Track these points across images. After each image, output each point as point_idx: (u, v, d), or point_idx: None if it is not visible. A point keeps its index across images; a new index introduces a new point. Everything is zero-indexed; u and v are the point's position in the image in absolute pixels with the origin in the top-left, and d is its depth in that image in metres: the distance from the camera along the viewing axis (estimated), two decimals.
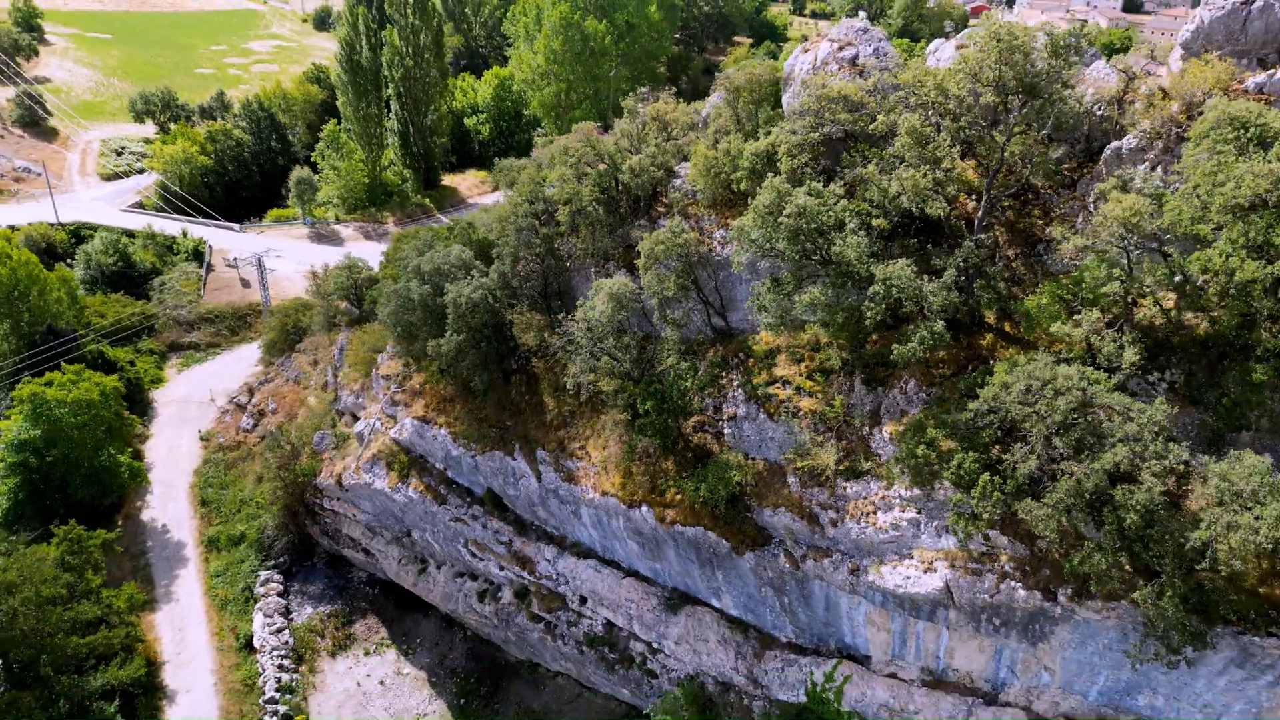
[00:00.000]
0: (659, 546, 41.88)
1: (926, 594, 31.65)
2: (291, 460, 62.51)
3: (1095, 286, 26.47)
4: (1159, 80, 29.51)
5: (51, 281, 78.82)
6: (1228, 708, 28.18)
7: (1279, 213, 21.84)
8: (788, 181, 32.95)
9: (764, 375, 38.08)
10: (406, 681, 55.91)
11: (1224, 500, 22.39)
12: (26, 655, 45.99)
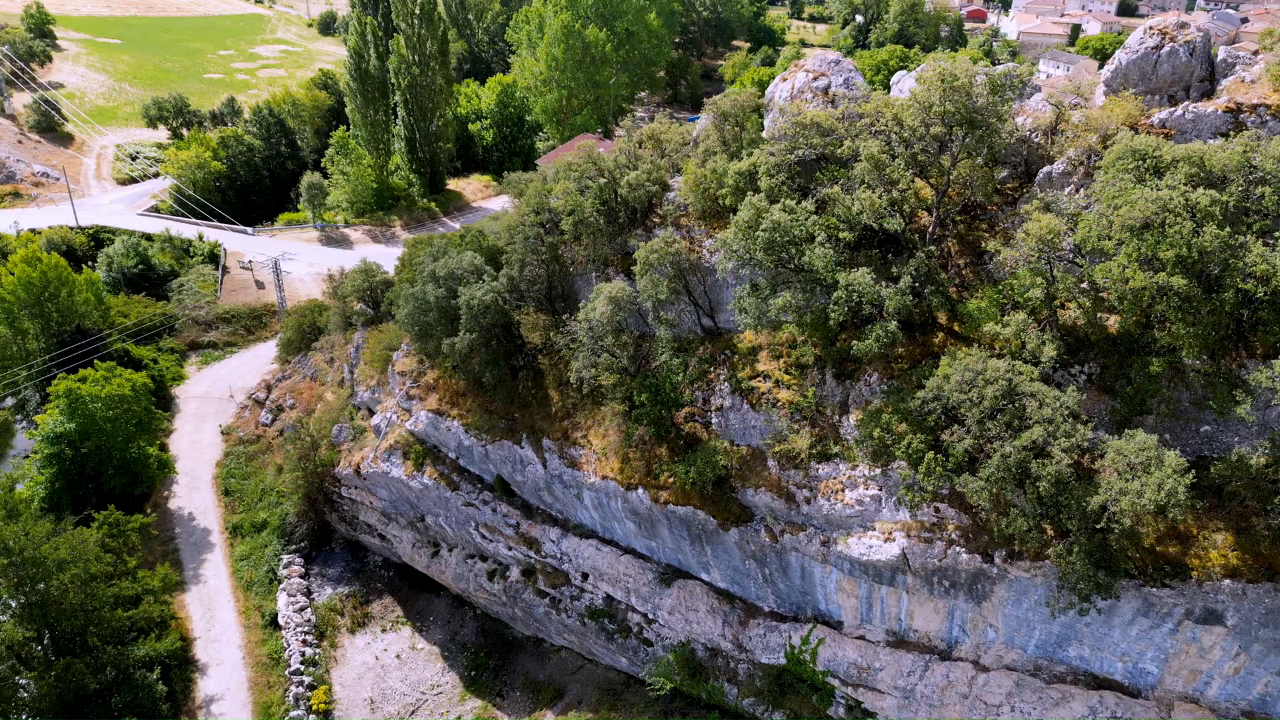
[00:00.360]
0: (653, 525, 46.67)
1: (886, 560, 36.42)
2: (311, 452, 67.18)
3: (1021, 292, 31.28)
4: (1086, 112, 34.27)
5: (79, 283, 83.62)
6: (1141, 655, 32.93)
7: (1163, 231, 26.54)
8: (767, 198, 37.76)
9: (747, 370, 42.83)
10: (421, 656, 60.72)
11: (1119, 471, 27.12)
12: (76, 626, 50.74)
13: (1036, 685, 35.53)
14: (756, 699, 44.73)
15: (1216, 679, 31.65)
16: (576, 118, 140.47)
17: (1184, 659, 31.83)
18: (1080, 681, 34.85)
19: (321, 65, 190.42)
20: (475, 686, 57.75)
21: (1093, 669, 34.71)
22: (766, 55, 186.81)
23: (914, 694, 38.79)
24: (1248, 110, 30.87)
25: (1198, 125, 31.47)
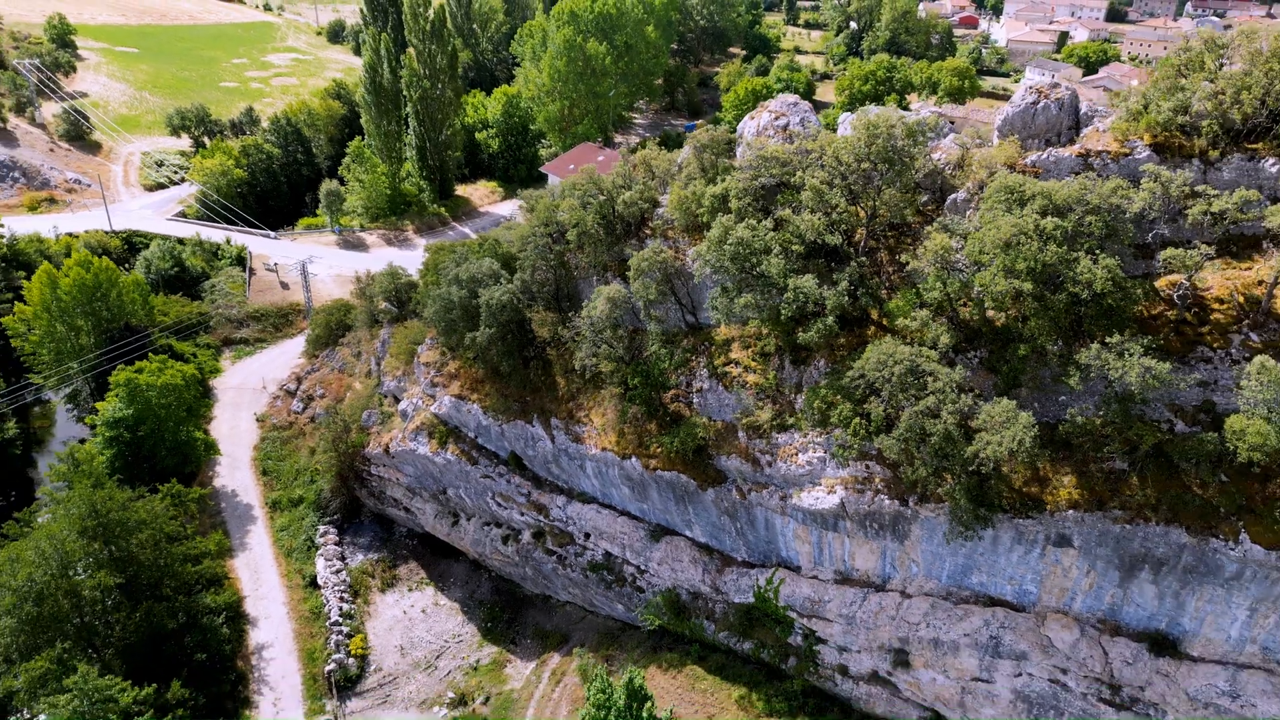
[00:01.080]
0: (645, 488, 56.47)
1: (829, 509, 46.14)
2: (343, 435, 77.03)
3: (925, 293, 41.00)
4: (982, 152, 44.04)
5: (127, 284, 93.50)
6: (1023, 578, 42.63)
7: (1019, 250, 36.22)
8: (736, 218, 47.56)
9: (722, 358, 52.59)
10: (443, 611, 70.54)
11: (988, 427, 36.82)
12: (153, 577, 60.43)
13: (947, 606, 45.31)
14: (730, 632, 54.57)
15: (1079, 594, 41.35)
16: (578, 126, 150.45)
17: (1053, 579, 41.54)
18: (979, 602, 44.63)
19: (331, 73, 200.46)
20: (491, 635, 67.56)
21: (989, 592, 44.45)
22: (761, 64, 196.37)
23: (855, 619, 48.56)
24: (1095, 155, 40.57)
25: (1058, 166, 41.16)
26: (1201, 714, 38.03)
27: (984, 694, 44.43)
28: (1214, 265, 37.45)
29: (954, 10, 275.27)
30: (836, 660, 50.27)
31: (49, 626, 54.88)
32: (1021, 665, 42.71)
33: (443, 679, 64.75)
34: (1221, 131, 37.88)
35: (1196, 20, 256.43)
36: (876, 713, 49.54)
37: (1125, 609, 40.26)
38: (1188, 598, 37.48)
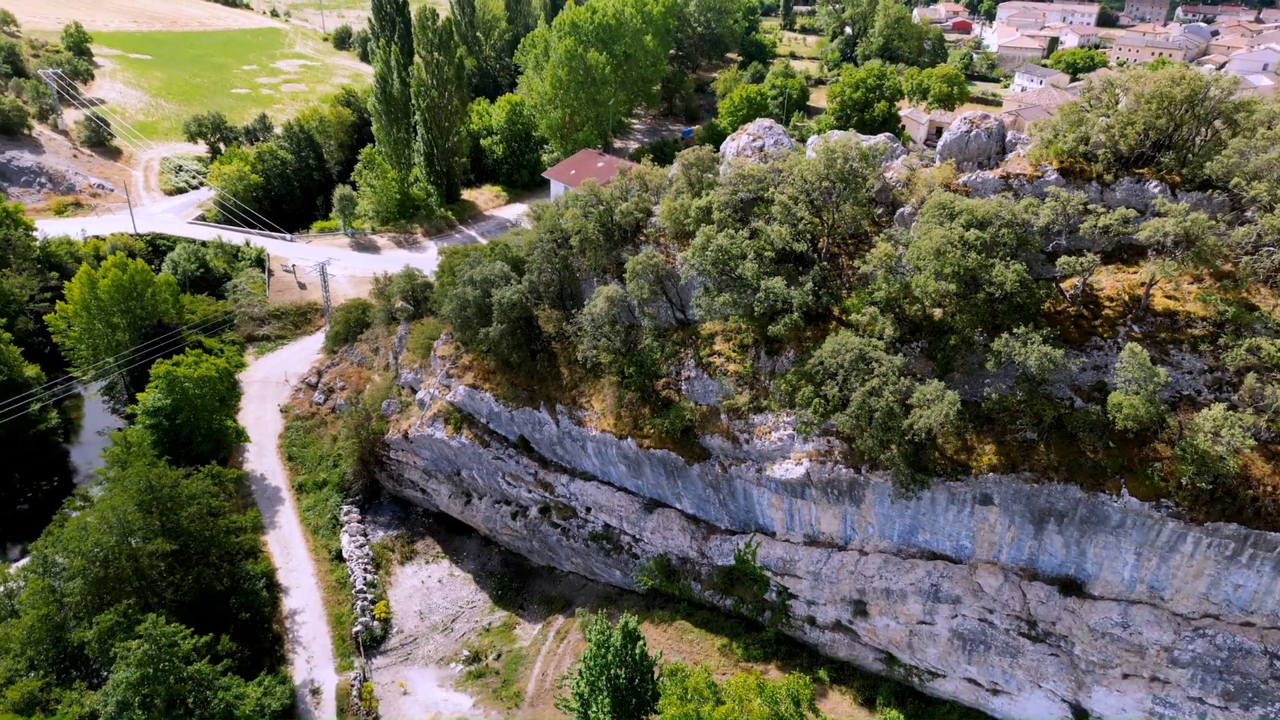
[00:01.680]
0: (639, 465, 64.72)
1: (797, 478, 54.37)
2: (365, 422, 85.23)
3: (874, 293, 49.27)
4: (925, 172, 52.31)
5: (159, 285, 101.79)
6: (959, 534, 50.84)
7: (947, 257, 44.40)
8: (717, 228, 55.84)
9: (707, 350, 60.81)
10: (458, 581, 78.81)
11: (920, 404, 45.01)
12: (200, 546, 68.59)
13: (897, 561, 53.55)
14: (714, 591, 62.84)
15: (1004, 547, 49.55)
16: (579, 133, 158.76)
17: (983, 534, 49.75)
18: (924, 557, 52.86)
19: (339, 79, 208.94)
20: (502, 602, 75.80)
21: (932, 548, 52.66)
22: (756, 71, 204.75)
23: (820, 576, 56.80)
24: (1014, 177, 48.82)
25: (984, 185, 49.35)
26: (1099, 643, 46.23)
27: (927, 635, 52.68)
28: (1108, 270, 45.72)
29: (948, 15, 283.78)
30: (805, 612, 58.54)
31: (114, 587, 63.05)
32: (957, 608, 50.94)
33: (458, 639, 72.98)
34: (1114, 159, 46.15)
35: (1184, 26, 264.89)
36: (839, 657, 57.83)
37: (1041, 558, 48.46)
38: (1087, 545, 45.67)
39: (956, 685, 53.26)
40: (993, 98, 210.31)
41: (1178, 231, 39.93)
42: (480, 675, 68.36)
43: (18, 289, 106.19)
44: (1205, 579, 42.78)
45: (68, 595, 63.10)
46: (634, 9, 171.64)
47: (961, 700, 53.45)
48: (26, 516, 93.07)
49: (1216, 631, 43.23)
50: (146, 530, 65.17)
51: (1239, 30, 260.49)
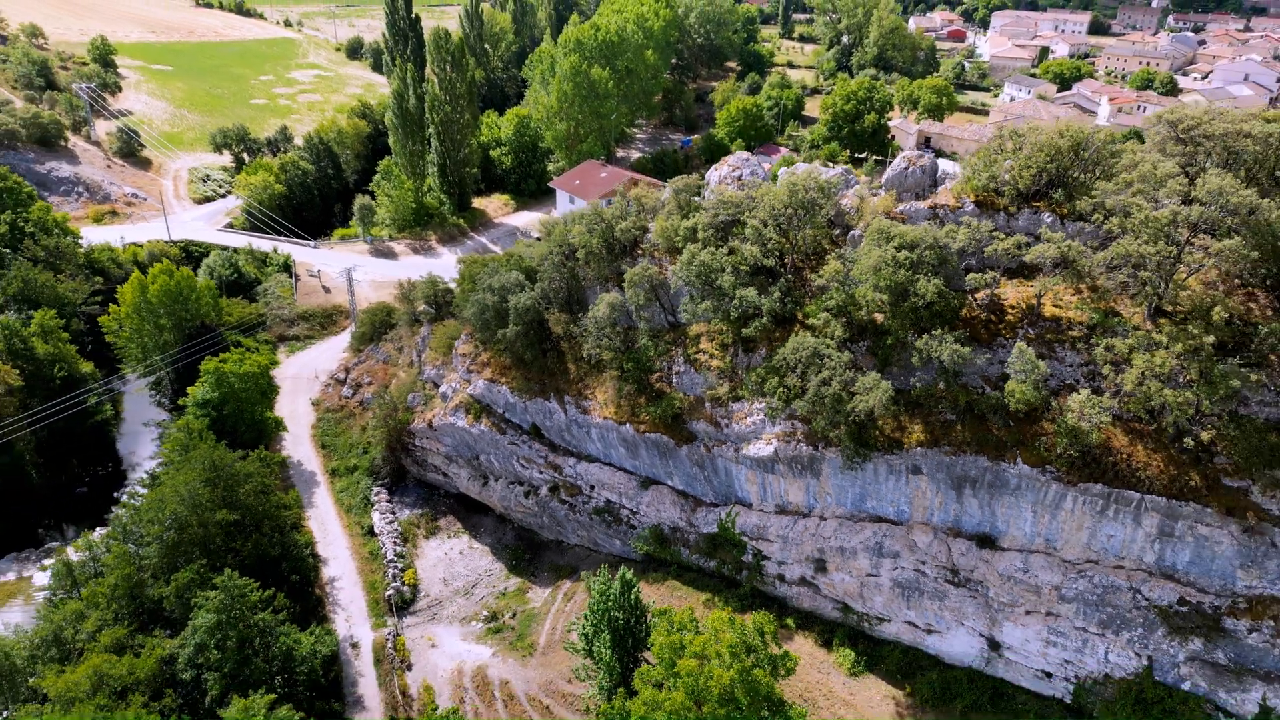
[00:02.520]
0: (636, 448, 76.62)
1: (767, 456, 66.20)
2: (392, 413, 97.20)
3: (827, 301, 61.15)
4: (872, 200, 64.13)
5: (201, 289, 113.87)
6: (899, 500, 62.61)
7: (882, 273, 56.15)
8: (701, 245, 67.72)
9: (694, 349, 72.61)
10: (476, 552, 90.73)
11: (860, 392, 56.78)
12: (256, 518, 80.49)
13: (850, 525, 65.39)
14: (700, 555, 74.73)
15: (935, 510, 61.32)
16: (583, 145, 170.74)
17: (918, 500, 61.55)
18: (871, 520, 64.67)
19: (352, 89, 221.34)
20: (516, 570, 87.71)
21: (879, 513, 64.46)
22: (753, 82, 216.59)
23: (788, 539, 68.66)
24: (940, 207, 60.69)
25: (916, 214, 61.18)
26: (1007, 586, 58.00)
27: (874, 585, 64.48)
28: (1013, 283, 57.55)
29: (943, 24, 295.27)
30: (776, 570, 70.40)
31: (186, 550, 75.02)
32: (897, 562, 62.75)
33: (478, 602, 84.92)
34: (1017, 194, 57.97)
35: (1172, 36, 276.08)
36: (804, 607, 69.68)
37: (963, 518, 60.25)
38: (996, 506, 57.46)
39: (899, 628, 65.07)
40: (981, 107, 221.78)
41: (1056, 254, 51.68)
42: (498, 631, 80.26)
43: (71, 293, 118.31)
44: (1085, 531, 54.55)
45: (146, 558, 75.12)
46: (635, 25, 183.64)
47: (903, 640, 65.24)
48: (85, 498, 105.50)
49: (1094, 573, 54.99)
50: (212, 503, 77.09)
51: (1226, 39, 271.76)
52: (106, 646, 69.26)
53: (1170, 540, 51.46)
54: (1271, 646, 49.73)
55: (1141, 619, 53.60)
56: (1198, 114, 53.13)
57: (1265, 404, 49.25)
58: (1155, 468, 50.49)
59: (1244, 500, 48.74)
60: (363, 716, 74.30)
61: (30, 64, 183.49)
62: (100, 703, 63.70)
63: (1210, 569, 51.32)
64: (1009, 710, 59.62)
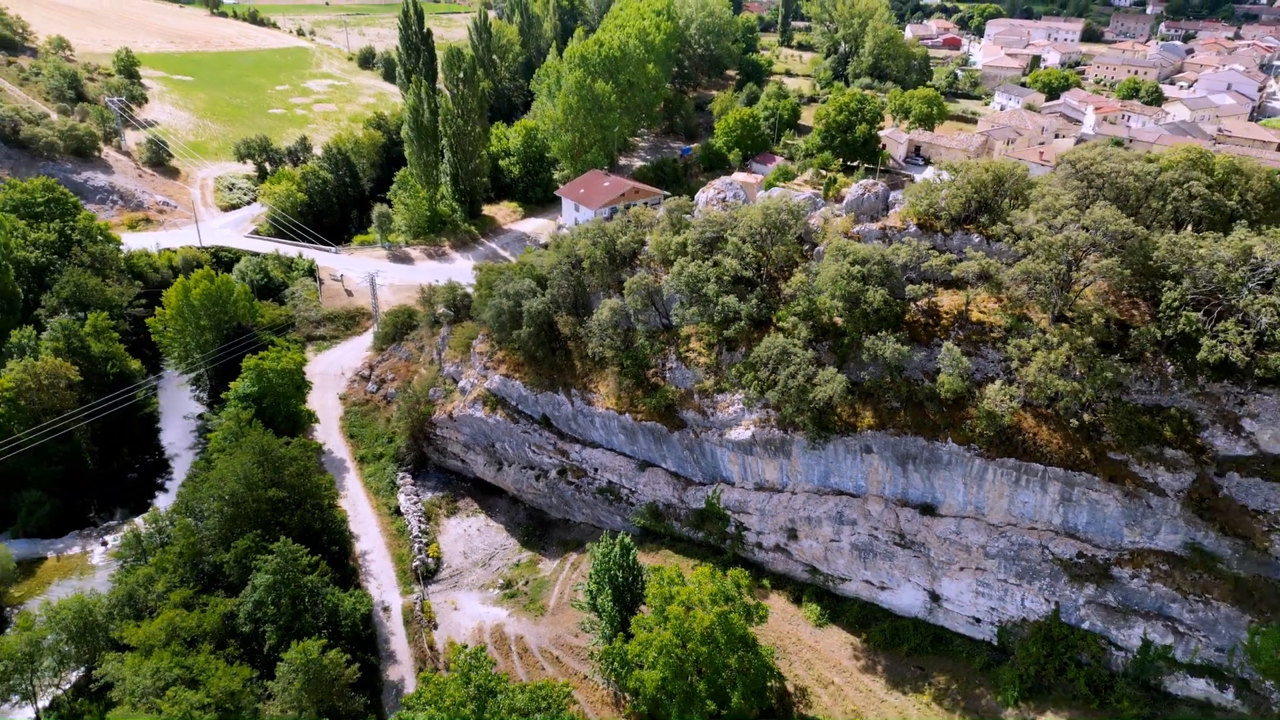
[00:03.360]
0: (634, 434, 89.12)
1: (746, 440, 78.69)
2: (415, 406, 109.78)
3: (794, 307, 73.65)
4: (834, 221, 76.55)
5: (238, 293, 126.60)
6: (857, 476, 74.95)
7: (844, 284, 68.46)
8: (690, 258, 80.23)
9: (685, 347, 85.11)
10: (492, 529, 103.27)
11: (820, 382, 69.12)
12: (299, 496, 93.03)
13: (816, 498, 77.85)
14: (690, 527, 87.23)
15: (886, 484, 73.68)
16: (587, 155, 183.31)
17: (871, 475, 73.93)
18: (834, 494, 77.10)
19: (365, 98, 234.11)
20: (528, 544, 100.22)
21: (840, 487, 76.87)
22: (751, 92, 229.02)
23: (765, 511, 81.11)
24: (889, 228, 73.16)
25: (869, 234, 73.60)
26: (944, 546, 70.40)
27: (836, 549, 76.95)
28: (949, 293, 69.96)
29: (939, 31, 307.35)
30: (754, 539, 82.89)
31: (242, 523, 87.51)
32: (854, 529, 75.18)
33: (495, 572, 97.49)
34: (951, 218, 70.42)
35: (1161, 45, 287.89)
36: (778, 570, 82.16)
37: (908, 490, 72.67)
38: (934, 479, 69.83)
39: (857, 586, 77.50)
40: (971, 115, 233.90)
41: (977, 270, 64.09)
42: (513, 596, 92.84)
43: (118, 296, 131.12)
44: (1005, 499, 66.93)
45: (206, 529, 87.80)
46: (637, 40, 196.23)
47: (861, 596, 77.66)
48: (135, 483, 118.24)
49: (1013, 534, 67.37)
50: (263, 481, 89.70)
51: (1215, 48, 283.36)
52: (176, 604, 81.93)
53: (1070, 504, 63.85)
54: (1149, 590, 62.07)
55: (1049, 570, 65.99)
56: (1093, 155, 65.31)
57: (1141, 391, 61.53)
58: (1055, 444, 62.92)
59: (1125, 470, 61.13)
60: (395, 667, 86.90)
61: (61, 77, 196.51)
62: (175, 650, 76.26)
63: (1102, 527, 63.69)
64: (946, 652, 72.10)
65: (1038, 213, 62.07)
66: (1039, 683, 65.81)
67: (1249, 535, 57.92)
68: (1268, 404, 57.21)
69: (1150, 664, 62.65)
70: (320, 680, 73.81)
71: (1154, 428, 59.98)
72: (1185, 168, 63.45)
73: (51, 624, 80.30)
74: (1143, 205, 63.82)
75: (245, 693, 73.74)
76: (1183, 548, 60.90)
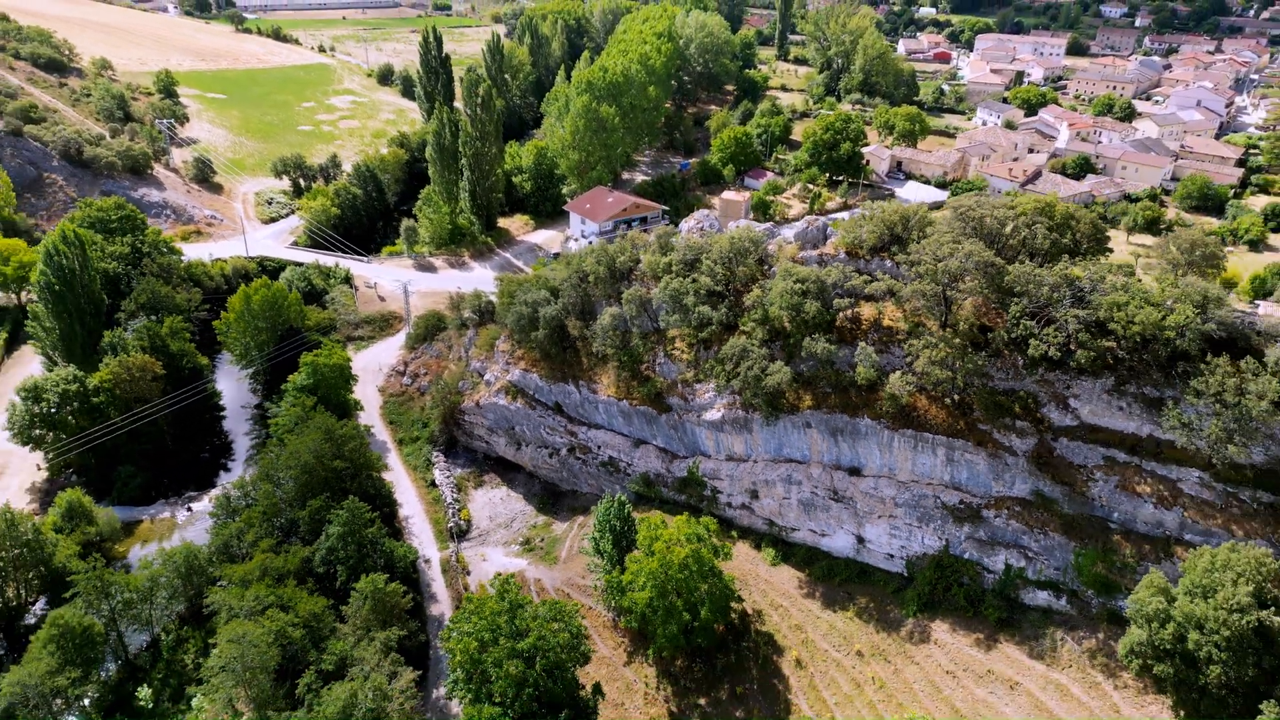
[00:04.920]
0: (630, 417, 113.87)
1: (718, 420, 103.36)
2: (447, 395, 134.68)
3: (753, 315, 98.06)
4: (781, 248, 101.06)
5: (291, 299, 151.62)
6: (804, 446, 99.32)
7: (789, 298, 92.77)
8: (674, 275, 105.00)
9: (670, 346, 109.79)
10: (513, 499, 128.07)
11: (771, 373, 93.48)
12: (356, 468, 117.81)
13: (772, 465, 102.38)
14: (674, 491, 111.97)
15: (824, 452, 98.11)
16: (593, 172, 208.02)
17: (815, 446, 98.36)
18: (786, 462, 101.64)
19: (385, 115, 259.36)
20: (543, 511, 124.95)
21: (789, 456, 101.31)
22: (746, 109, 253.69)
23: (733, 477, 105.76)
24: (825, 255, 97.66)
25: (810, 259, 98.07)
26: (866, 500, 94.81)
27: (787, 505, 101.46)
28: (868, 305, 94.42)
29: (930, 46, 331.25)
30: (726, 499, 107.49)
31: (314, 487, 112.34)
32: (800, 488, 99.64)
33: (515, 532, 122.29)
34: (870, 248, 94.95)
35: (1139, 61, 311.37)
36: (743, 524, 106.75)
37: (840, 457, 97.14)
38: (857, 447, 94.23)
39: (804, 534, 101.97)
40: (953, 131, 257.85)
41: (884, 288, 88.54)
42: (531, 549, 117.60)
43: (185, 301, 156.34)
44: (908, 461, 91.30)
45: (284, 492, 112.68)
46: (640, 65, 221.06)
47: (806, 542, 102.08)
48: (205, 462, 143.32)
49: (915, 488, 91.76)
50: (329, 454, 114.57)
51: (1193, 62, 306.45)
52: (265, 550, 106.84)
53: (953, 464, 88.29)
54: (1008, 526, 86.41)
55: (940, 515, 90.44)
56: (970, 203, 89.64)
57: (999, 378, 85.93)
58: (940, 418, 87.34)
59: (989, 437, 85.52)
60: (436, 605, 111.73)
61: (111, 98, 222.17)
62: (267, 584, 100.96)
63: (976, 481, 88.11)
64: (868, 581, 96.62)
65: (926, 246, 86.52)
66: (932, 599, 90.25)
67: (1073, 483, 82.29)
68: (1085, 388, 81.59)
69: (1010, 581, 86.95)
70: (383, 604, 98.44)
71: (1008, 405, 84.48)
72: (1035, 213, 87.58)
73: (165, 565, 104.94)
74: (1003, 242, 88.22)
75: (325, 615, 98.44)
76: (1030, 494, 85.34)
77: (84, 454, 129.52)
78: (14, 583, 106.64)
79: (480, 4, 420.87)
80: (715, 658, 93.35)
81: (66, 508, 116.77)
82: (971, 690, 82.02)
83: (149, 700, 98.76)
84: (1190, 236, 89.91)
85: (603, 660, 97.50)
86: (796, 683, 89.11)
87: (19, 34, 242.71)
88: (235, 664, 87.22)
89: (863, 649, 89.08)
